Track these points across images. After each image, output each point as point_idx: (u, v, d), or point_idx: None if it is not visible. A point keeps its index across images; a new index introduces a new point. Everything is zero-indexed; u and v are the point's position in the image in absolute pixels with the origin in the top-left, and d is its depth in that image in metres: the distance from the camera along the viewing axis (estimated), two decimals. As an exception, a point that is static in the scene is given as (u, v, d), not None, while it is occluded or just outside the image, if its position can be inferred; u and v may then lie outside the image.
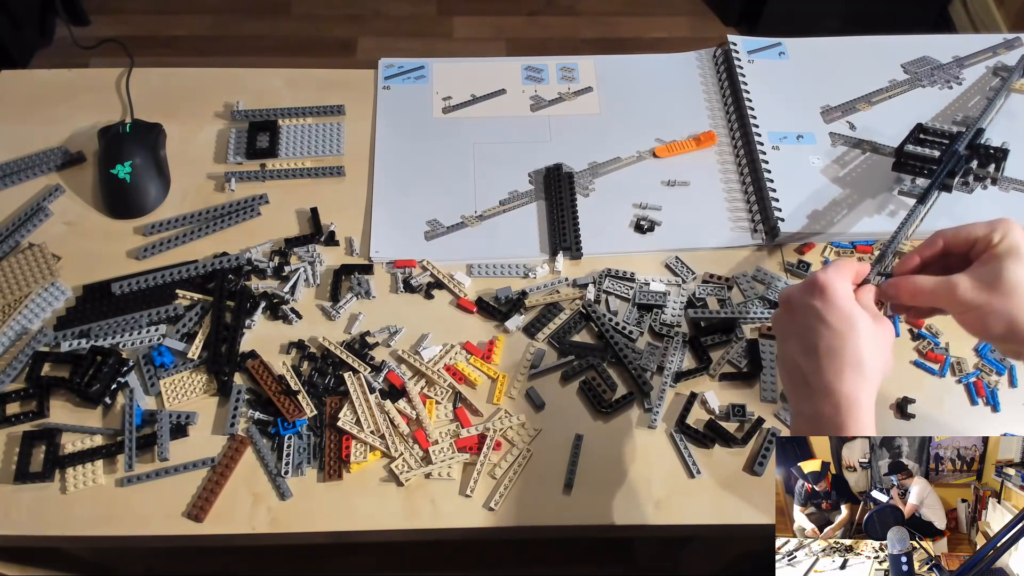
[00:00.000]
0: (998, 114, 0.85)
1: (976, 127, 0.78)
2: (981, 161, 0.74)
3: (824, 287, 0.50)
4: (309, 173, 0.82)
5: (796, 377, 0.51)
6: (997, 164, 0.74)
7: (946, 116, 0.87)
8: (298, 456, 0.65)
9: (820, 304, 0.50)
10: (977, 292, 0.50)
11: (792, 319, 0.52)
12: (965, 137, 0.76)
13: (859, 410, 0.48)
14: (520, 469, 0.65)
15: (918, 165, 0.76)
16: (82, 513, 0.63)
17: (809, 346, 0.50)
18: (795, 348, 0.51)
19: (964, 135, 0.76)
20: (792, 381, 0.52)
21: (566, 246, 0.77)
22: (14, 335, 0.70)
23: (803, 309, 0.51)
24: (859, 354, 0.49)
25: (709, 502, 0.64)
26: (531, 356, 0.71)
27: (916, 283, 0.53)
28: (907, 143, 0.78)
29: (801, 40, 0.94)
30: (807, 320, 0.51)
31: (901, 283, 0.53)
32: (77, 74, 0.90)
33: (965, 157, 0.74)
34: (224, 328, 0.70)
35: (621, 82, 0.91)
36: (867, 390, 0.49)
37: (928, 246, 0.55)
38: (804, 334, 0.51)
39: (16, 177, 0.80)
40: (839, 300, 0.50)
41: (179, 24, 2.03)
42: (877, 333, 0.50)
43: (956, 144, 0.75)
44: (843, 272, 0.52)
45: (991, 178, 0.74)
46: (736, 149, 0.85)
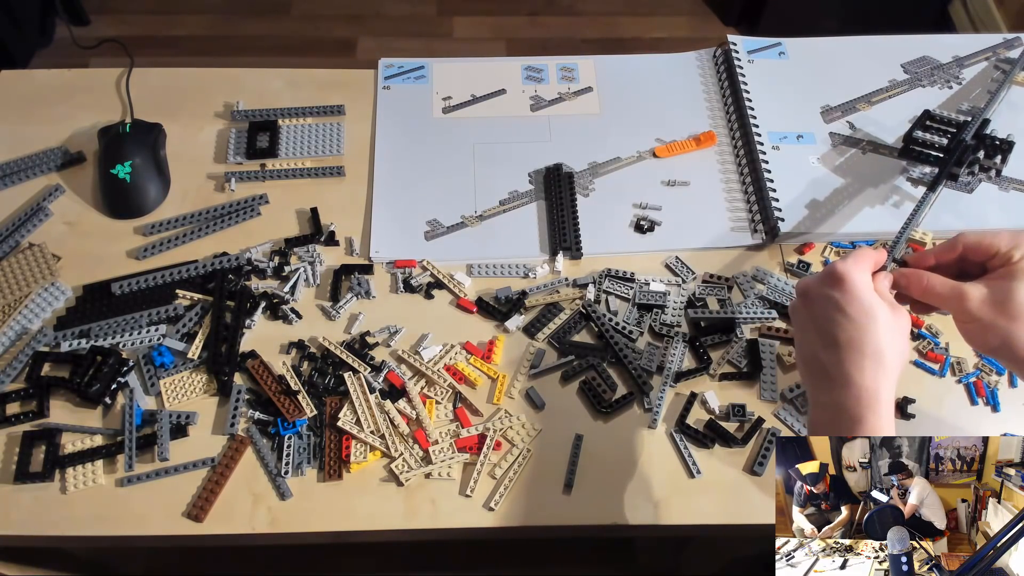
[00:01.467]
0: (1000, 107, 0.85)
1: (982, 117, 0.78)
2: (987, 152, 0.74)
3: (843, 278, 0.50)
4: (309, 173, 0.82)
5: (815, 368, 0.51)
6: (1003, 156, 0.74)
7: (950, 106, 0.87)
8: (298, 456, 0.65)
9: (839, 295, 0.50)
10: (985, 308, 0.50)
11: (811, 311, 0.52)
12: (972, 126, 0.76)
13: (879, 403, 0.48)
14: (520, 469, 0.65)
15: (925, 153, 0.76)
16: (82, 513, 0.63)
17: (829, 338, 0.50)
18: (814, 340, 0.51)
19: (971, 124, 0.76)
20: (811, 372, 0.52)
21: (566, 246, 0.77)
22: (14, 335, 0.70)
23: (822, 300, 0.51)
24: (879, 345, 0.49)
25: (709, 502, 0.64)
26: (531, 356, 0.71)
27: (929, 282, 0.53)
28: (916, 129, 0.78)
29: (801, 40, 0.94)
30: (826, 311, 0.50)
31: (913, 278, 0.53)
32: (77, 74, 0.90)
33: (972, 147, 0.74)
34: (224, 328, 0.70)
35: (621, 82, 0.91)
36: (887, 381, 0.49)
37: (947, 250, 0.54)
38: (824, 326, 0.50)
39: (16, 177, 0.80)
40: (859, 291, 0.50)
41: (179, 24, 2.03)
42: (896, 323, 0.51)
43: (963, 133, 0.75)
44: (861, 262, 0.52)
45: (996, 169, 0.74)
46: (736, 149, 0.85)
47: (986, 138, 0.76)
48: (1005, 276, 0.51)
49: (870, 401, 0.48)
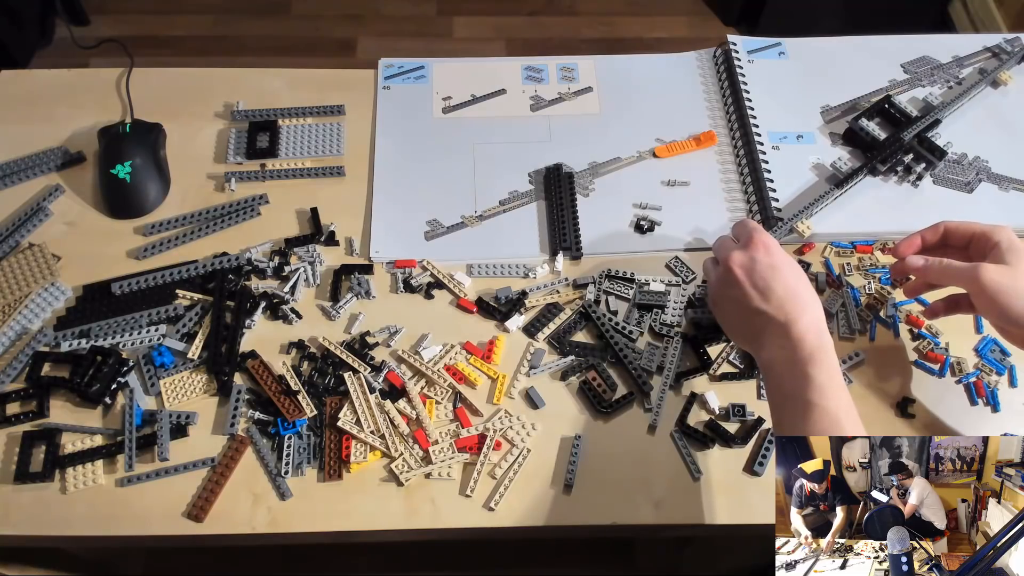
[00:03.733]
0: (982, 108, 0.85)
1: (933, 118, 0.75)
2: (917, 156, 0.73)
3: (768, 243, 0.62)
4: (309, 173, 0.82)
5: (756, 326, 0.60)
6: (930, 164, 0.72)
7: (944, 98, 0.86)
8: (298, 456, 0.65)
9: (770, 259, 0.61)
10: (1001, 275, 0.59)
11: (746, 274, 0.61)
12: (917, 127, 0.74)
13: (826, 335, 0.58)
14: (520, 469, 0.65)
15: (863, 141, 0.76)
16: (82, 513, 0.63)
17: (767, 293, 0.60)
18: (754, 298, 0.60)
19: (917, 124, 0.74)
20: (751, 331, 0.61)
21: (566, 246, 0.77)
22: (14, 335, 0.70)
23: (755, 263, 0.61)
24: (810, 291, 0.60)
25: (709, 502, 0.64)
26: (531, 356, 0.71)
27: (947, 262, 0.62)
28: (863, 116, 0.77)
29: (801, 40, 0.94)
30: (762, 272, 0.61)
31: (933, 263, 0.63)
32: (77, 74, 0.90)
33: (906, 147, 0.72)
34: (224, 328, 0.70)
35: (621, 82, 0.91)
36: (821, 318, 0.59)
37: (931, 231, 0.65)
38: (761, 284, 0.60)
39: (16, 177, 0.80)
40: (782, 253, 0.62)
41: (179, 24, 2.03)
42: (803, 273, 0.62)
43: (904, 131, 0.73)
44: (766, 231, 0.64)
45: (918, 175, 0.72)
46: (736, 149, 0.85)
47: (925, 141, 0.74)
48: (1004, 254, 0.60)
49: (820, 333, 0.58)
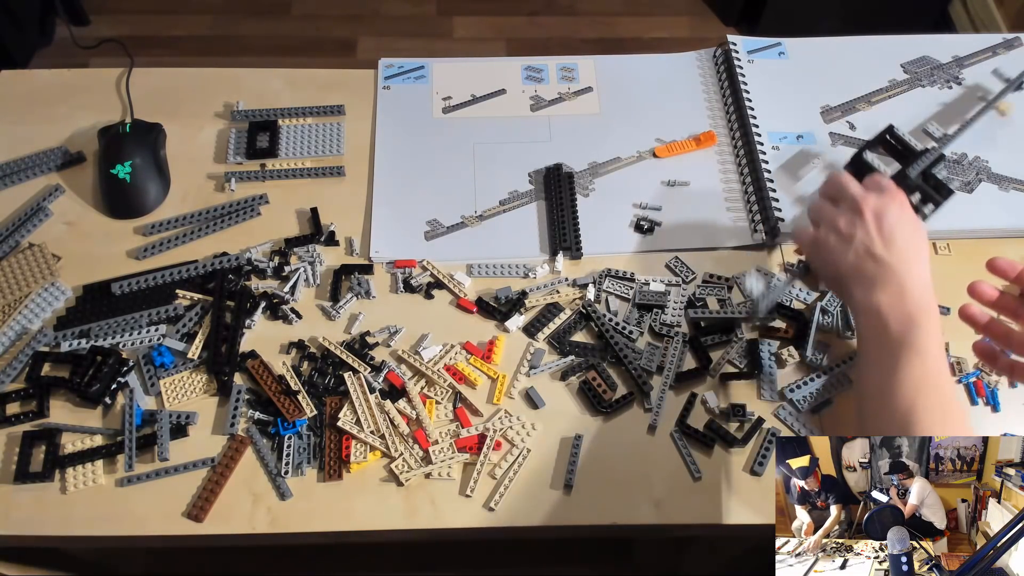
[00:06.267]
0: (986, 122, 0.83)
1: (938, 153, 0.73)
2: (924, 196, 0.69)
3: (897, 192, 0.62)
4: (309, 173, 0.82)
5: (869, 270, 0.59)
6: (937, 205, 0.70)
7: (943, 117, 0.86)
8: (298, 456, 0.65)
9: (901, 211, 0.61)
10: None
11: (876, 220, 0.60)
12: (921, 164, 0.71)
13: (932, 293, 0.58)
14: (520, 469, 0.65)
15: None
16: (82, 513, 0.63)
17: (890, 241, 0.59)
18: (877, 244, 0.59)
19: (922, 160, 0.71)
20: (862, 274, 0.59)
21: (566, 246, 0.77)
22: (14, 335, 0.70)
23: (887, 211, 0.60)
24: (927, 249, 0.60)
25: (709, 502, 0.64)
26: (531, 356, 0.71)
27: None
28: (867, 148, 0.74)
29: (801, 40, 0.94)
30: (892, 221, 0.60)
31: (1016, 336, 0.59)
32: (77, 74, 0.90)
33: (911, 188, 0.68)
34: (224, 328, 0.70)
35: (621, 82, 0.91)
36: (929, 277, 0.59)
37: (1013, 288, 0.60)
38: (887, 232, 0.59)
39: (16, 177, 0.80)
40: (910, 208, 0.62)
41: (179, 24, 2.03)
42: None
43: (910, 168, 0.70)
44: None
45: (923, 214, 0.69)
46: (736, 149, 0.85)
47: (931, 178, 0.70)
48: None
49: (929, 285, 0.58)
